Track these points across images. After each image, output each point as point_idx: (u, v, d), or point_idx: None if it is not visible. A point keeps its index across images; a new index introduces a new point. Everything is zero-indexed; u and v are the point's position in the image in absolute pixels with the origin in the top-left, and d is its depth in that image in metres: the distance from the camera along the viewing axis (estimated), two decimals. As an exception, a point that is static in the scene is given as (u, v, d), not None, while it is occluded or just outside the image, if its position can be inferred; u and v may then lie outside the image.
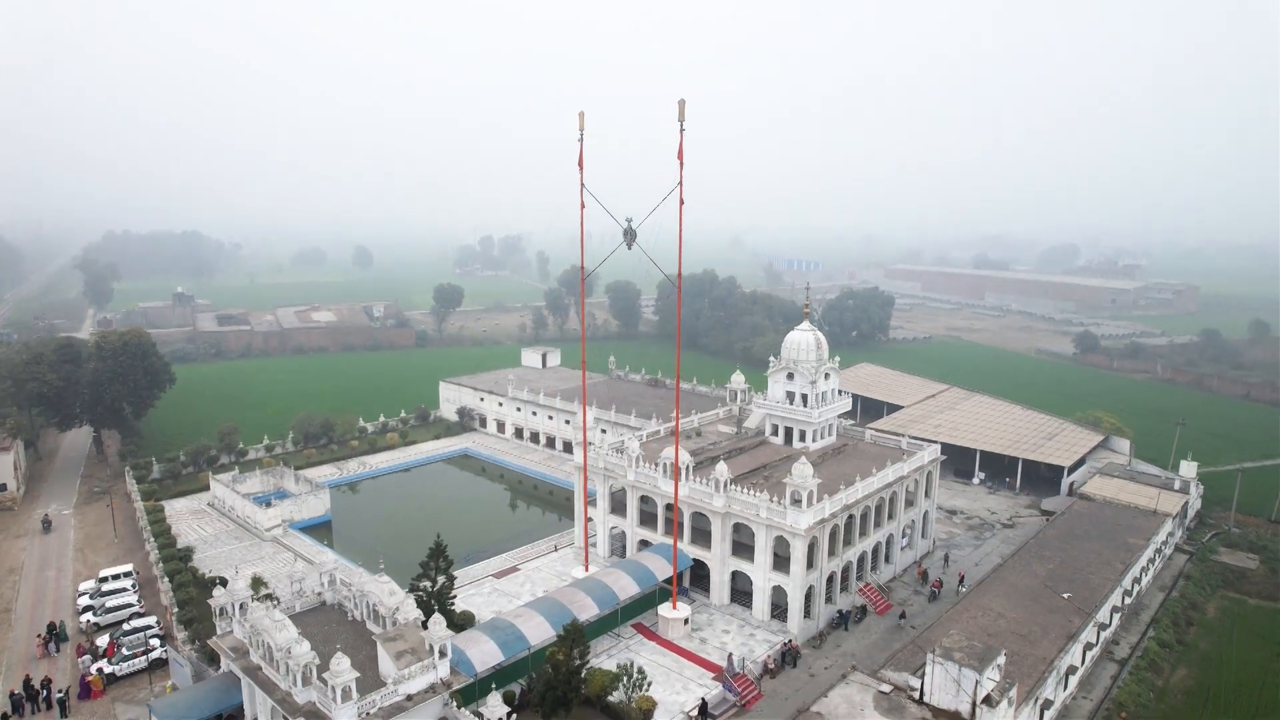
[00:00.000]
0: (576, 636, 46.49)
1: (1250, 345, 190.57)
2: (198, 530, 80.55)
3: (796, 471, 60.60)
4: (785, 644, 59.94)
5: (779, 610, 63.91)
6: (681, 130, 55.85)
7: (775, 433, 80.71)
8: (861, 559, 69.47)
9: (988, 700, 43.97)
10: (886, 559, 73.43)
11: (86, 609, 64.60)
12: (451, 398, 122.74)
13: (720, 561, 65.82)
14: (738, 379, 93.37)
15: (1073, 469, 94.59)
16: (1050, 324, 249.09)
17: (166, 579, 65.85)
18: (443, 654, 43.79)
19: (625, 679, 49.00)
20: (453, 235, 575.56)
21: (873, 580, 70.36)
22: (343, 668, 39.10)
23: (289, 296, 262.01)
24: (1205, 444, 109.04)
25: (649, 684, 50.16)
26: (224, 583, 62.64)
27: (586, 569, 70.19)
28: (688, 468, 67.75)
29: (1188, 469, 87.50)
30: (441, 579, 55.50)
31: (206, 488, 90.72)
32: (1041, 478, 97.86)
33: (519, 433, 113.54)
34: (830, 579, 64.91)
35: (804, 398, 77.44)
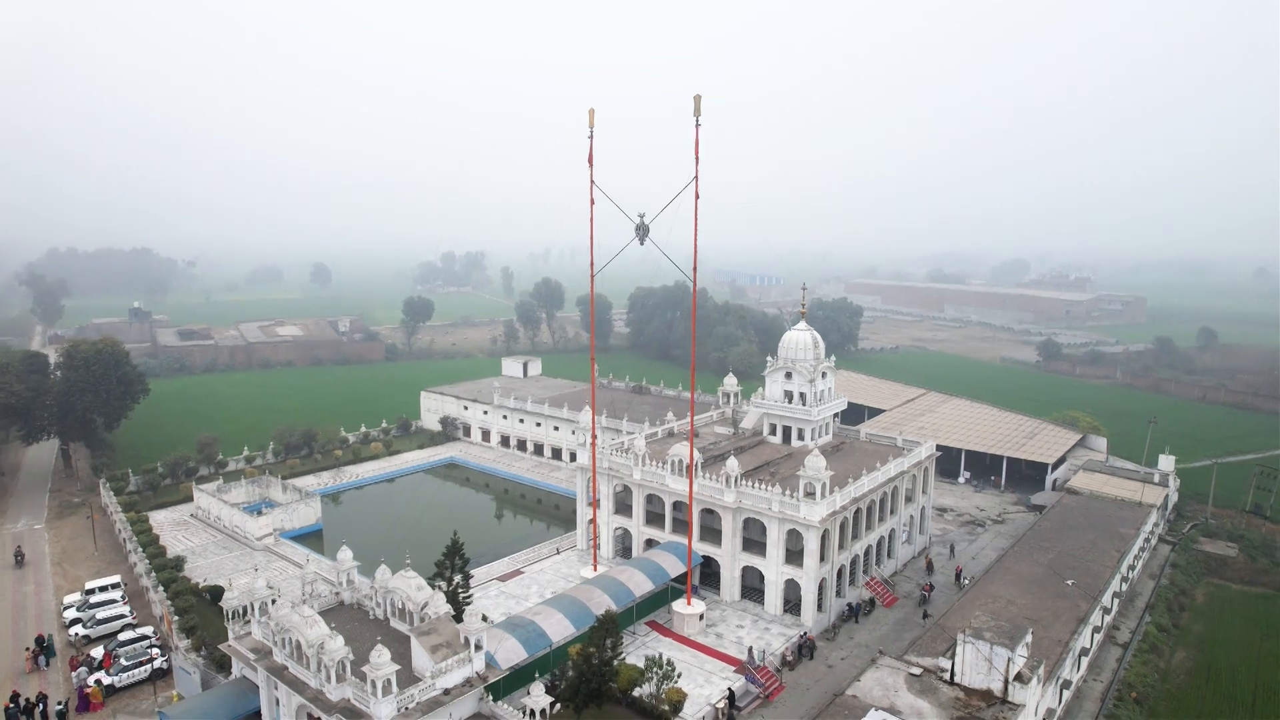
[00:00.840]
0: (610, 627, 45.91)
1: (1200, 352, 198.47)
2: (184, 541, 77.80)
3: (810, 464, 61.09)
4: (801, 636, 60.11)
5: (790, 605, 64.10)
6: (697, 125, 56.44)
7: (773, 432, 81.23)
8: (867, 553, 70.13)
9: (1019, 677, 44.65)
10: (889, 554, 74.27)
11: (74, 621, 61.82)
12: (434, 407, 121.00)
13: (731, 557, 65.85)
14: (730, 381, 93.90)
15: (1055, 466, 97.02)
16: (1010, 334, 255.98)
17: (161, 588, 63.38)
18: (478, 647, 42.93)
19: (656, 669, 48.50)
20: (411, 252, 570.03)
21: (877, 574, 71.05)
22: (384, 660, 38.10)
23: (247, 314, 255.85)
24: (1172, 442, 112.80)
25: (678, 675, 49.77)
26: (219, 593, 60.80)
27: (595, 569, 69.52)
28: (698, 464, 67.78)
29: (1166, 463, 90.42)
30: (457, 578, 54.50)
31: (187, 499, 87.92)
32: (1024, 476, 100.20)
33: (505, 441, 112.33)
34: (840, 572, 65.36)
35: (803, 396, 78.20)
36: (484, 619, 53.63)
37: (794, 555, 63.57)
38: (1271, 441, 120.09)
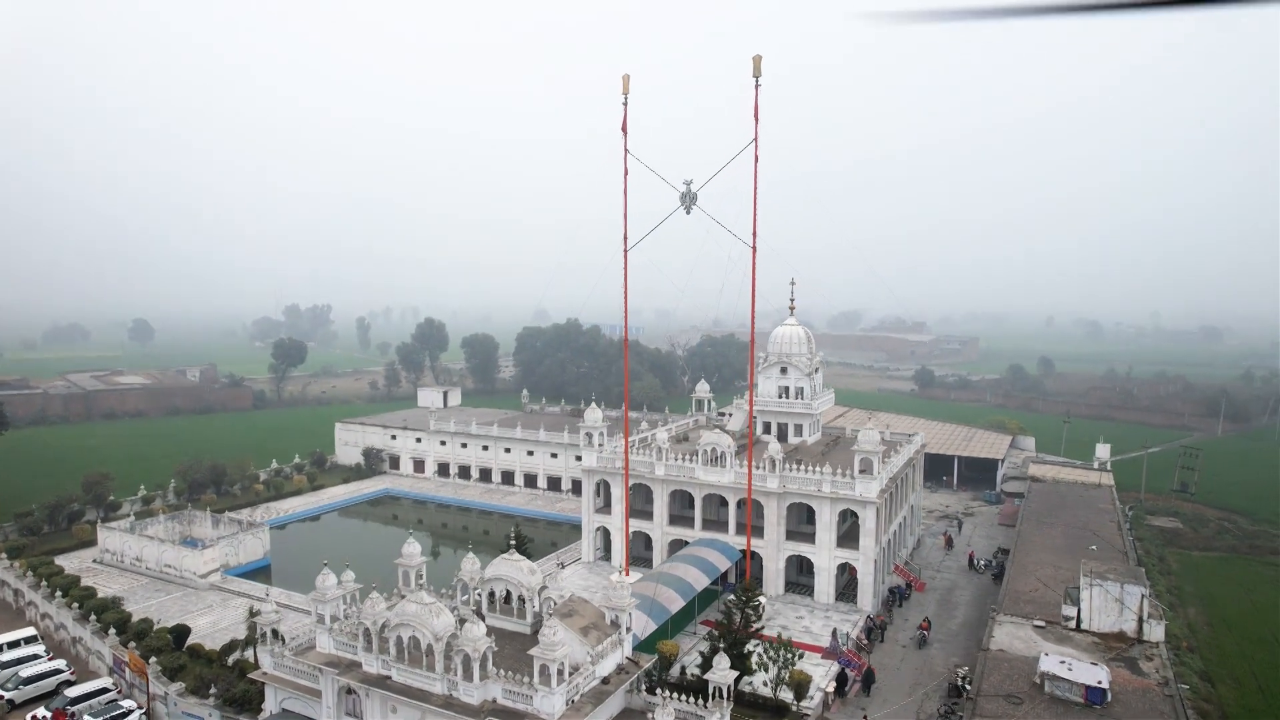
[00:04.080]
0: (751, 585, 40.80)
1: (1043, 378, 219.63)
2: (103, 587, 63.08)
3: (864, 438, 59.30)
4: (869, 618, 57.27)
5: (842, 592, 61.24)
6: (757, 86, 54.66)
7: (767, 430, 78.93)
8: (892, 540, 68.87)
9: (1150, 616, 44.19)
10: (902, 543, 73.48)
11: (-11, 685, 47.56)
12: (352, 440, 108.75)
13: (775, 548, 62.19)
14: (702, 388, 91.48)
15: (1000, 463, 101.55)
16: (870, 370, 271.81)
17: (112, 633, 50.29)
18: (628, 629, 36.60)
19: (776, 651, 43.53)
20: (237, 310, 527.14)
21: (899, 561, 69.88)
22: (557, 638, 31.25)
23: (58, 372, 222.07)
24: (1069, 444, 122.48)
25: (799, 655, 45.14)
26: (183, 635, 49.58)
27: (627, 573, 63.21)
28: (727, 453, 64.10)
29: (1103, 451, 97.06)
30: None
31: (84, 544, 72.57)
32: (968, 477, 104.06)
33: (444, 469, 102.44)
34: (884, 554, 63.49)
35: (799, 391, 76.89)
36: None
37: (843, 539, 61.04)
38: (1150, 439, 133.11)
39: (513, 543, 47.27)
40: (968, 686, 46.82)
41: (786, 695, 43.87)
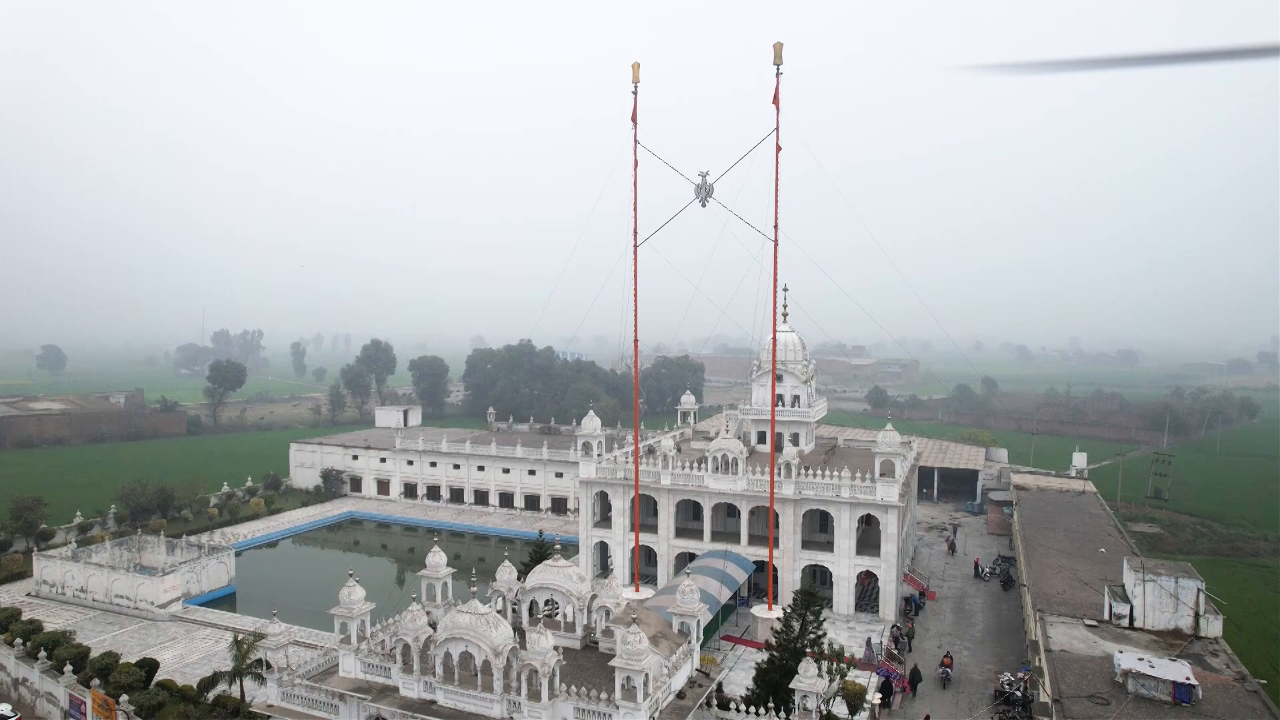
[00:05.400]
0: (811, 596, 37.74)
1: (989, 397, 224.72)
2: (44, 623, 55.78)
3: (884, 439, 57.34)
4: (895, 627, 54.81)
5: (861, 602, 58.77)
6: (779, 74, 52.77)
7: (762, 440, 76.52)
8: (903, 547, 66.89)
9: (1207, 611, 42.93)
10: (907, 551, 71.62)
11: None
12: (309, 461, 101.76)
13: (791, 558, 59.37)
14: (688, 400, 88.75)
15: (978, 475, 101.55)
16: (820, 392, 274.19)
17: (69, 670, 43.73)
18: (698, 638, 33.08)
19: (836, 661, 40.53)
20: (154, 338, 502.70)
21: (908, 570, 67.95)
22: (642, 646, 27.58)
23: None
24: (1038, 456, 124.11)
25: (850, 667, 42.21)
26: (152, 668, 43.84)
27: (637, 590, 59.31)
28: (739, 460, 61.25)
29: (1079, 460, 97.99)
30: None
31: (13, 577, 64.69)
32: (946, 489, 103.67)
33: (411, 490, 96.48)
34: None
35: (796, 399, 74.95)
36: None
37: (860, 547, 58.70)
38: (1103, 452, 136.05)
39: (548, 549, 43.37)
40: (1018, 694, 44.72)
41: (840, 709, 40.82)
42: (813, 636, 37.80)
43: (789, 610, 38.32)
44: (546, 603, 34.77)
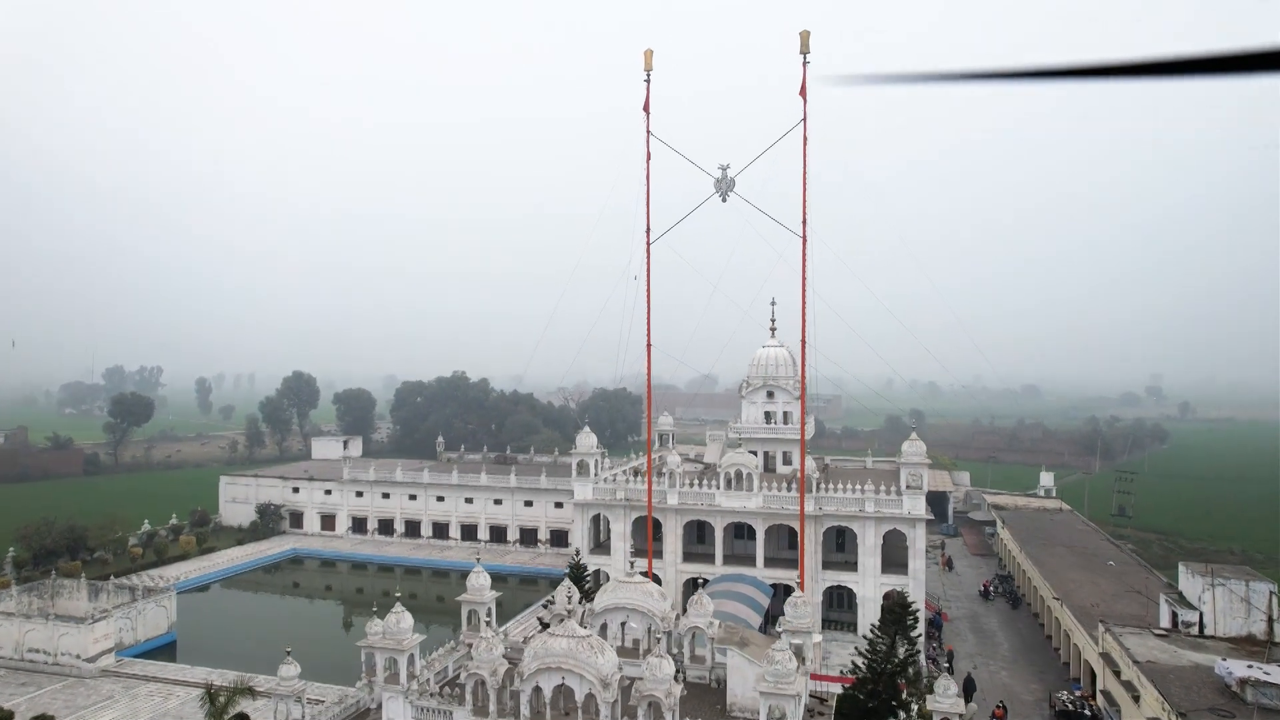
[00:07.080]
0: (902, 611, 33.74)
1: (919, 429, 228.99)
2: (-59, 683, 46.04)
3: (909, 449, 54.61)
4: (934, 646, 51.44)
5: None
6: (805, 63, 50.20)
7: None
8: (911, 567, 64.00)
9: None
10: (908, 572, 68.84)
11: None
12: (242, 496, 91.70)
13: (812, 578, 55.33)
14: (665, 420, 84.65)
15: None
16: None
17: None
18: (810, 659, 28.50)
19: (921, 680, 36.58)
20: (30, 376, 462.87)
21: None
22: (792, 665, 22.87)
23: None
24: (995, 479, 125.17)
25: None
26: None
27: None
28: (753, 475, 57.25)
29: (1047, 479, 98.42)
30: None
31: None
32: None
33: (360, 525, 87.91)
34: (920, 581, 58.23)
35: (786, 416, 72.00)
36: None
37: (887, 565, 55.36)
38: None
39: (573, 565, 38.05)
40: (1086, 712, 41.76)
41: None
42: (905, 656, 33.78)
43: (875, 630, 34.18)
44: (622, 625, 29.52)
